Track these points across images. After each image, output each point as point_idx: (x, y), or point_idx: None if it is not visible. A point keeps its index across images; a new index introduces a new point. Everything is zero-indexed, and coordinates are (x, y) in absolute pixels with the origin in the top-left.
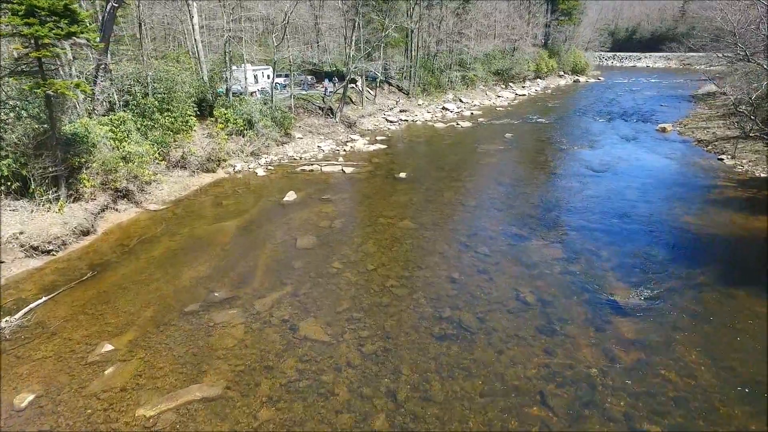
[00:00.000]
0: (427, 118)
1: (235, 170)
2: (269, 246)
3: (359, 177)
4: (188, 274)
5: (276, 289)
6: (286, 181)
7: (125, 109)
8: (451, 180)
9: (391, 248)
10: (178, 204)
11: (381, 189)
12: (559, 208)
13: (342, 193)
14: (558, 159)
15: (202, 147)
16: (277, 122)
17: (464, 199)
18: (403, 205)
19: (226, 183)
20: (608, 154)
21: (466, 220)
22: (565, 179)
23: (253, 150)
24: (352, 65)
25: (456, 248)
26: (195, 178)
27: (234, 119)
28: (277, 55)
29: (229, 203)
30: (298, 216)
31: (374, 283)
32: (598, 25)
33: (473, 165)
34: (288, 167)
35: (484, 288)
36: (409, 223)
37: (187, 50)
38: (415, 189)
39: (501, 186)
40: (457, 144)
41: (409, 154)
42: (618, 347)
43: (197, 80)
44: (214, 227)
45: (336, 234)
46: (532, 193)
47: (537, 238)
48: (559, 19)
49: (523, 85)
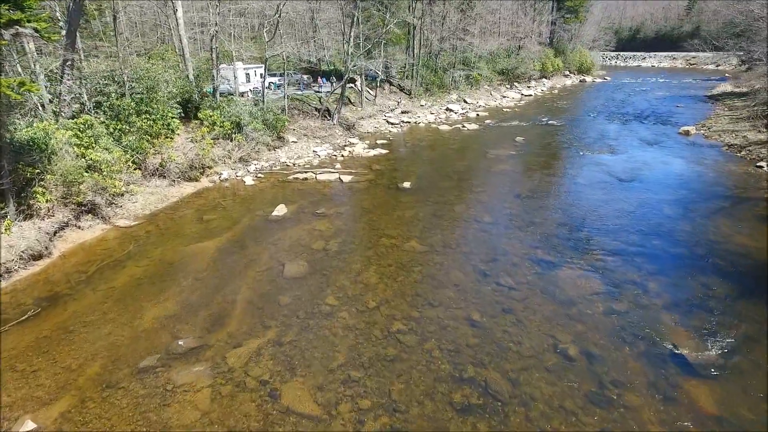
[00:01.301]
0: (430, 120)
1: (221, 178)
2: (252, 274)
3: (358, 187)
4: (152, 312)
5: (256, 335)
6: (277, 192)
7: (97, 111)
8: (461, 191)
9: (395, 278)
10: (153, 219)
11: (383, 201)
12: (588, 225)
13: (339, 207)
14: (577, 165)
15: (185, 153)
16: (268, 125)
17: (478, 213)
18: (409, 222)
19: (209, 194)
20: (631, 160)
21: (482, 240)
22: (588, 189)
23: (241, 156)
24: (351, 63)
25: (473, 278)
26: (175, 189)
27: (221, 122)
28: (268, 51)
29: (211, 218)
30: (288, 235)
31: (377, 327)
32: (602, 24)
33: (484, 173)
34: (280, 175)
35: (513, 335)
36: (417, 245)
37: (173, 47)
38: (422, 202)
39: (518, 198)
40: (464, 149)
41: (412, 161)
42: (698, 426)
43: (182, 79)
44: (190, 249)
45: (331, 258)
46: (553, 206)
47: (568, 265)
48: (565, 16)
49: (529, 85)
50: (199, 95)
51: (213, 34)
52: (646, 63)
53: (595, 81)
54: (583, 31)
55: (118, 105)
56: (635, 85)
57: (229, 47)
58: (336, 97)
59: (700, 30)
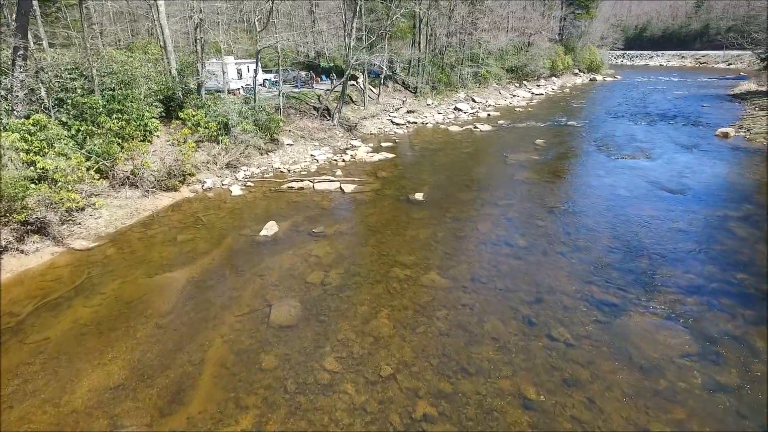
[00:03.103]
0: (438, 120)
1: (204, 188)
2: (229, 320)
3: (362, 199)
4: (90, 380)
5: (226, 422)
6: (268, 204)
7: (60, 110)
8: (484, 204)
9: (415, 328)
10: (118, 239)
11: (392, 218)
12: (645, 249)
13: (340, 224)
14: (612, 172)
15: (162, 158)
16: (261, 126)
17: (507, 234)
18: (425, 245)
19: (189, 206)
20: (672, 166)
21: (518, 271)
22: (633, 202)
23: (229, 161)
24: (353, 58)
25: (516, 328)
26: (148, 201)
27: (205, 122)
28: (260, 43)
29: (187, 238)
30: (278, 262)
31: (394, 409)
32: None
33: (507, 182)
34: (272, 183)
35: (588, 424)
36: (437, 278)
37: (156, 39)
38: (438, 218)
39: (551, 213)
40: (479, 153)
41: (422, 167)
42: None
43: (164, 74)
44: (155, 281)
45: (331, 297)
46: (596, 223)
47: (636, 308)
48: (575, 12)
49: (538, 84)
50: (183, 92)
51: (197, 23)
52: (653, 62)
53: (606, 80)
54: (592, 28)
55: (84, 103)
56: (649, 83)
57: (216, 39)
58: (336, 95)
59: (709, 28)
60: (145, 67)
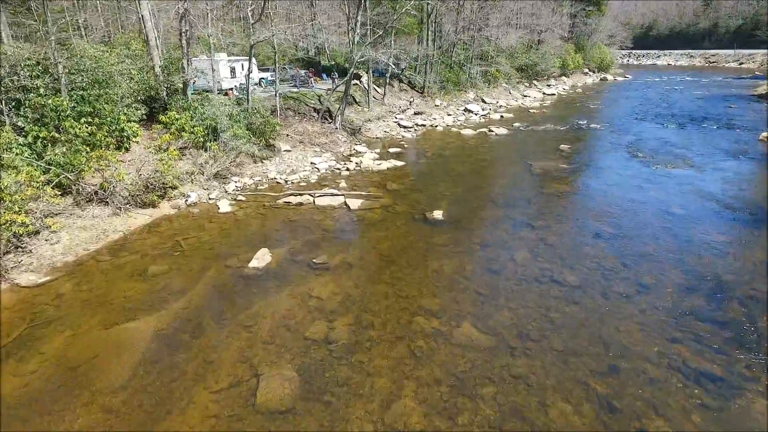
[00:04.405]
0: (448, 123)
1: (187, 202)
2: (203, 400)
3: (372, 218)
4: None
5: None
6: (261, 224)
7: (17, 112)
8: (515, 225)
9: (454, 416)
10: (75, 271)
11: (408, 243)
12: (736, 291)
13: (346, 251)
14: (655, 184)
15: (138, 169)
16: (255, 130)
17: (551, 267)
18: (452, 283)
19: (168, 226)
20: (723, 178)
21: (577, 322)
22: (693, 224)
23: (218, 171)
24: (357, 54)
25: (595, 418)
26: (120, 220)
27: (190, 127)
28: (254, 36)
29: (160, 271)
30: (270, 307)
31: None
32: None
33: (537, 196)
34: (267, 197)
35: None
36: (474, 332)
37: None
38: (463, 243)
39: (599, 238)
40: (499, 160)
41: (437, 177)
42: None
43: (146, 72)
44: (112, 335)
45: (338, 363)
46: (659, 253)
47: (753, 386)
48: (586, 9)
49: (548, 83)
50: (169, 92)
51: (182, 14)
52: (660, 61)
53: (617, 79)
54: (601, 26)
55: (44, 104)
56: (663, 83)
57: (204, 32)
58: (338, 95)
59: (718, 27)
60: (125, 63)
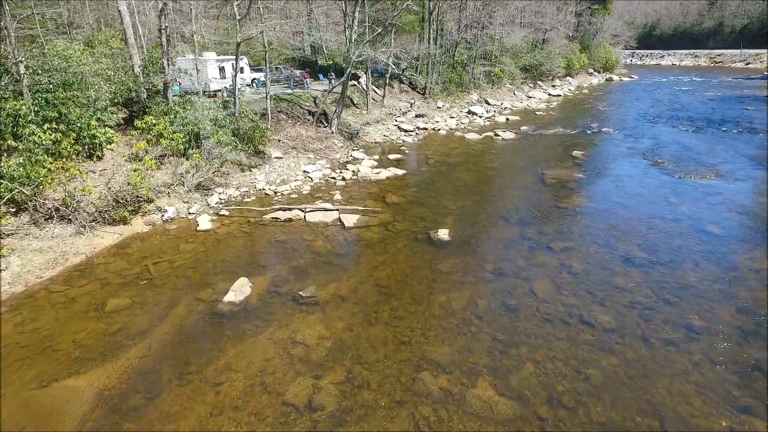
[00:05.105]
0: (451, 126)
1: (164, 218)
2: None
3: (368, 238)
4: None
5: None
6: (243, 245)
7: None
8: (532, 247)
9: None
10: (21, 306)
11: (410, 270)
12: None
13: (339, 281)
14: (684, 198)
15: (108, 182)
16: (242, 136)
17: (580, 303)
18: (463, 324)
19: (138, 247)
20: (759, 189)
21: (618, 381)
22: (738, 249)
23: (200, 181)
24: (355, 53)
25: None
26: (83, 240)
27: (170, 133)
28: (240, 33)
29: (120, 307)
30: (245, 357)
31: None
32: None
33: (553, 211)
34: (252, 212)
35: None
36: (492, 395)
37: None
38: (474, 271)
39: (631, 264)
40: (508, 168)
41: (441, 188)
42: None
43: (125, 72)
44: (46, 397)
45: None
46: (703, 285)
47: None
48: (591, 7)
49: (553, 84)
50: (150, 94)
51: (161, 9)
52: (664, 61)
53: (623, 80)
54: (606, 25)
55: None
56: (671, 84)
57: (185, 28)
58: (335, 97)
59: (723, 27)
60: (101, 63)
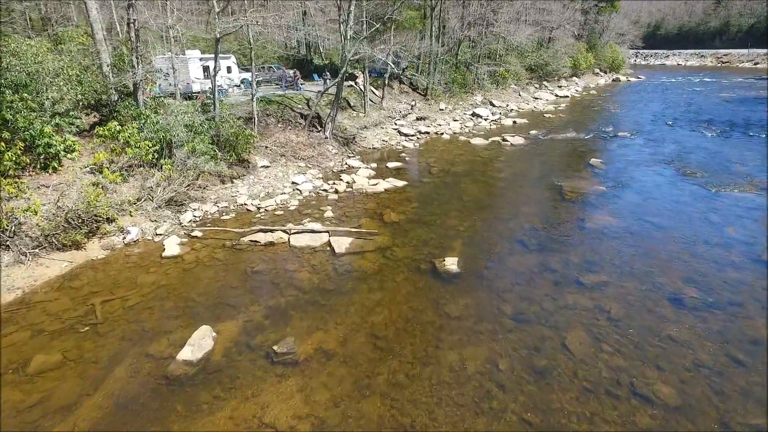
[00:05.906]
0: (455, 129)
1: (126, 241)
2: None
3: (362, 268)
4: None
5: None
6: (213, 278)
7: None
8: (558, 281)
9: None
10: None
11: (413, 314)
12: None
13: (323, 328)
14: (727, 217)
15: (56, 200)
16: (223, 143)
17: (632, 367)
18: (482, 396)
19: (89, 278)
20: None
21: None
22: None
23: (172, 196)
24: (350, 51)
25: None
26: (23, 271)
27: (137, 141)
28: (219, 27)
29: (48, 366)
30: None
31: None
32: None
33: (577, 234)
34: (229, 234)
35: None
36: None
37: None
38: (490, 316)
39: (681, 306)
40: (519, 179)
41: (447, 203)
42: None
43: (92, 71)
44: None
45: None
46: None
47: None
48: (599, 5)
49: (560, 85)
50: (121, 96)
51: (130, 2)
52: (670, 61)
53: (630, 80)
54: (613, 24)
55: None
56: (681, 84)
57: (155, 21)
58: (330, 98)
59: (729, 26)
60: (61, 61)
